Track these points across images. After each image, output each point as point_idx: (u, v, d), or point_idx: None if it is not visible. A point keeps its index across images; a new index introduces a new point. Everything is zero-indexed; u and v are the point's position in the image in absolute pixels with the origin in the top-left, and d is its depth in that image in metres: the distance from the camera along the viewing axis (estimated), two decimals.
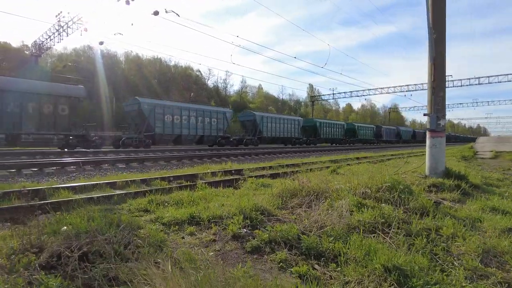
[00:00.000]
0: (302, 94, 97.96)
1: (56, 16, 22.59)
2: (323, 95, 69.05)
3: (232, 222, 3.52)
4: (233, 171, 8.73)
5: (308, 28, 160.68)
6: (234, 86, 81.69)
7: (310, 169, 9.10)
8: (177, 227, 3.56)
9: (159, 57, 62.30)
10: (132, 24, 22.07)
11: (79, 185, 5.78)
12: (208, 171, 9.21)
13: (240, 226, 3.43)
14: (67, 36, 22.37)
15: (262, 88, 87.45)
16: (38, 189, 5.28)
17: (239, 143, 27.28)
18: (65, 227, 3.11)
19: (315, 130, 39.91)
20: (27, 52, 40.12)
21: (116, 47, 78.66)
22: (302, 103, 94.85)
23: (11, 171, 8.26)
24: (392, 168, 10.03)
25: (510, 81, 44.96)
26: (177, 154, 14.05)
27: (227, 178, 7.22)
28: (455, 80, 48.16)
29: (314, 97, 70.60)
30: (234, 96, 78.10)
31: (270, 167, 9.92)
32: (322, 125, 41.16)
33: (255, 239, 3.17)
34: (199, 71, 70.49)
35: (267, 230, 3.51)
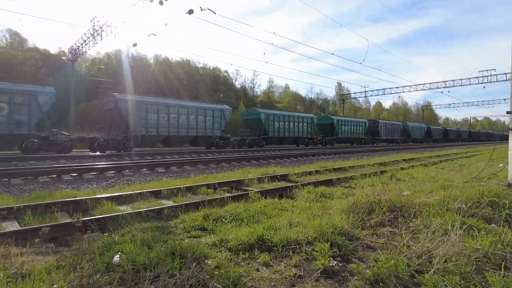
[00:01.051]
0: (330, 93, 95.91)
1: (91, 21, 22.92)
2: (353, 93, 67.08)
3: (315, 251, 2.83)
4: (278, 177, 8.05)
5: (335, 25, 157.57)
6: (261, 86, 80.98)
7: (365, 175, 8.27)
8: (246, 254, 2.92)
9: (187, 59, 62.86)
10: (166, 24, 22.07)
11: (122, 194, 5.30)
12: (250, 176, 8.61)
13: (328, 256, 2.73)
14: (101, 39, 22.62)
15: (289, 87, 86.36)
16: (79, 200, 4.84)
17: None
18: (117, 257, 2.53)
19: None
20: (64, 58, 41.56)
21: (147, 49, 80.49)
22: (330, 102, 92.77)
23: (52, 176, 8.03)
24: (455, 174, 8.98)
25: None
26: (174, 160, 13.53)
27: (278, 186, 6.53)
28: (499, 74, 44.96)
29: (344, 95, 68.66)
30: (261, 96, 77.55)
31: (317, 172, 9.14)
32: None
33: (355, 278, 2.45)
34: (227, 72, 70.59)
35: (363, 262, 2.79)
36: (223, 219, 3.95)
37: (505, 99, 66.07)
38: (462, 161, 13.50)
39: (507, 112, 6.17)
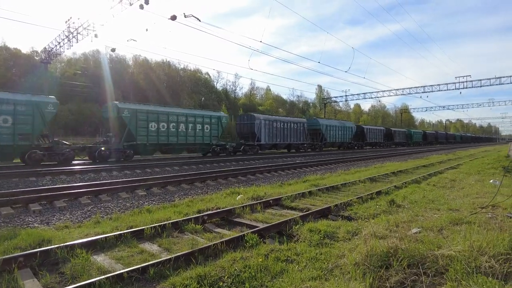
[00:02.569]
0: (310, 95, 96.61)
1: (66, 22, 21.63)
2: (334, 97, 67.54)
3: None
4: (271, 201, 7.50)
5: (315, 28, 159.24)
6: (243, 89, 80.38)
7: (361, 198, 7.84)
8: None
9: (167, 60, 61.45)
10: (147, 30, 21.29)
11: (99, 239, 4.58)
12: (239, 198, 8.02)
13: None
14: (77, 42, 21.39)
15: (270, 89, 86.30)
16: (48, 251, 4.10)
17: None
18: None
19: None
20: (36, 58, 39.51)
21: (126, 52, 78.35)
22: (311, 104, 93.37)
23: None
24: (451, 194, 8.72)
25: None
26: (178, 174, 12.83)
27: (274, 220, 5.96)
28: (474, 81, 46.39)
29: (325, 99, 69.12)
30: (243, 99, 77.03)
31: (310, 193, 8.65)
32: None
33: None
34: (208, 74, 69.59)
35: None
36: (221, 283, 3.35)
37: (478, 104, 68.44)
38: (449, 174, 13.42)
39: None
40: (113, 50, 19.91)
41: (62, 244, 4.25)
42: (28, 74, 37.13)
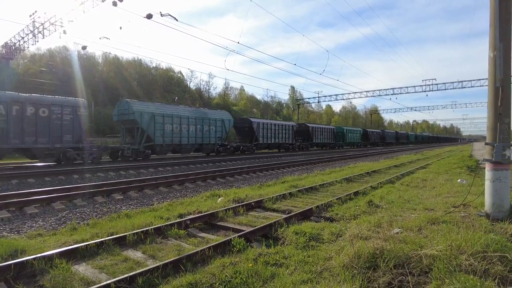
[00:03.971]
0: (283, 96, 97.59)
1: (30, 16, 20.47)
2: (307, 98, 68.74)
3: None
4: (253, 203, 7.48)
5: (287, 29, 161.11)
6: (217, 89, 79.83)
7: (340, 198, 8.00)
8: None
9: (139, 58, 59.88)
10: (120, 28, 20.57)
11: (79, 247, 4.37)
12: (220, 201, 7.95)
13: None
14: (43, 38, 20.29)
15: (244, 90, 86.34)
16: (23, 263, 3.85)
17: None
18: None
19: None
20: None
21: (98, 50, 75.53)
22: (284, 105, 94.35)
23: None
24: (424, 193, 9.11)
25: (482, 86, 46.01)
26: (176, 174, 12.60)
27: (258, 223, 5.95)
28: (439, 84, 48.85)
29: (299, 100, 70.09)
30: (217, 99, 76.51)
31: (290, 194, 8.73)
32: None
33: None
34: (181, 73, 68.52)
35: None
36: None
37: (443, 106, 72.03)
38: (420, 174, 14.01)
39: (486, 143, 6.20)
40: (84, 48, 19.00)
41: (39, 255, 4.02)
42: None
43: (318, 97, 59.68)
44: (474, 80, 46.54)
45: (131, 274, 3.47)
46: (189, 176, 11.92)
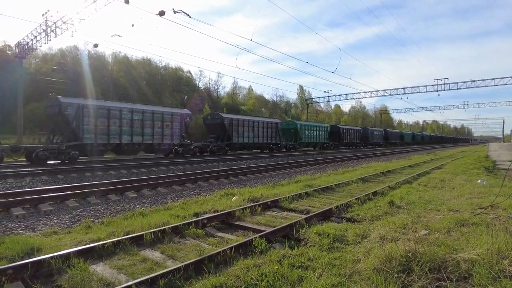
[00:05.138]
0: (292, 95, 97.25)
1: (43, 15, 20.60)
2: (317, 97, 68.22)
3: None
4: (269, 203, 7.28)
5: (295, 29, 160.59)
6: (225, 88, 79.76)
7: (359, 199, 7.76)
8: None
9: (148, 58, 60.15)
10: (132, 25, 20.18)
11: (96, 246, 4.23)
12: (235, 200, 7.77)
13: None
14: (56, 36, 20.39)
15: (252, 89, 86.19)
16: (39, 261, 3.72)
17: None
18: None
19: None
20: (9, 53, 37.66)
21: (110, 48, 76.20)
22: (293, 105, 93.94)
23: None
24: (445, 194, 8.80)
25: (496, 85, 44.99)
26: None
27: (277, 223, 5.75)
28: (451, 83, 47.94)
29: (308, 100, 69.61)
30: (226, 98, 76.50)
31: (307, 194, 8.51)
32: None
33: None
34: (190, 72, 68.64)
35: None
36: None
37: (454, 106, 70.90)
38: (437, 175, 13.66)
39: None
40: (95, 45, 19.04)
41: (56, 253, 3.88)
42: (0, 70, 35.34)
43: (328, 96, 59.08)
44: (488, 79, 45.52)
45: (152, 275, 3.30)
46: (202, 175, 11.79)
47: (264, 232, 4.84)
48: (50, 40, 20.58)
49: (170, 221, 5.72)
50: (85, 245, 4.43)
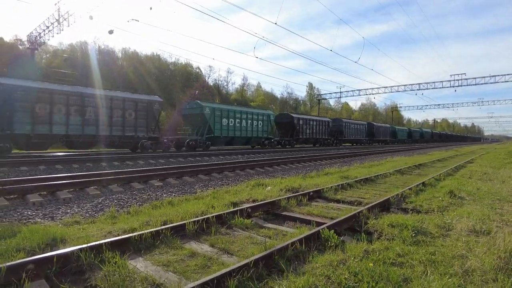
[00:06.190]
0: (300, 93, 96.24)
1: (56, 4, 19.98)
2: (329, 93, 67.06)
3: None
4: (311, 193, 6.45)
5: (303, 27, 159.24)
6: (235, 84, 79.04)
7: (410, 189, 6.89)
8: None
9: (157, 53, 59.70)
10: (151, 8, 18.88)
11: (131, 237, 3.45)
12: (269, 190, 6.95)
13: None
14: (68, 26, 19.77)
15: (261, 86, 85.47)
16: (66, 255, 2.95)
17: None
18: None
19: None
20: (21, 47, 37.36)
21: (115, 42, 75.96)
22: (301, 102, 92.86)
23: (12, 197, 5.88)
24: (508, 188, 7.88)
25: (507, 81, 43.48)
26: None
27: (333, 214, 4.93)
28: (469, 79, 46.50)
29: (319, 95, 68.49)
30: (235, 94, 75.86)
31: (349, 185, 7.67)
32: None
33: None
34: (199, 68, 68.04)
35: None
36: None
37: (472, 103, 69.15)
38: (474, 167, 12.70)
39: None
40: (110, 32, 18.28)
41: (86, 245, 3.10)
42: (12, 64, 35.00)
43: (340, 92, 58.00)
44: (508, 74, 43.98)
45: (217, 275, 2.49)
46: (230, 165, 11.00)
47: (330, 223, 4.01)
48: (62, 29, 19.96)
49: (209, 210, 4.94)
50: (117, 236, 3.67)
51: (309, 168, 12.98)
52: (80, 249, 3.01)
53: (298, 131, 30.95)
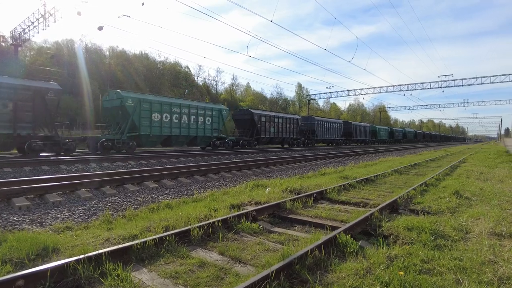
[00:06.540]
0: (289, 93, 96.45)
1: None
2: (319, 93, 67.23)
3: None
4: (315, 195, 6.21)
5: (292, 28, 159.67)
6: (224, 84, 78.64)
7: (415, 189, 6.73)
8: None
9: (145, 52, 58.85)
10: (143, 4, 17.92)
11: (133, 245, 3.13)
12: (268, 191, 6.69)
13: None
14: (55, 22, 19.09)
15: (250, 86, 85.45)
16: (60, 267, 2.63)
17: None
18: None
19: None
20: (3, 44, 36.15)
21: (102, 40, 74.56)
22: (290, 102, 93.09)
23: None
24: (502, 186, 7.83)
25: (502, 82, 44.42)
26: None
27: (342, 217, 4.70)
28: (456, 80, 47.33)
29: (309, 96, 68.72)
30: (224, 94, 75.48)
31: (350, 185, 7.47)
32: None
33: None
34: (188, 67, 67.37)
35: None
36: None
37: (458, 103, 70.35)
38: (468, 167, 12.74)
39: None
40: (100, 28, 17.68)
41: (83, 256, 2.77)
42: None
43: (330, 92, 58.29)
44: (493, 76, 44.93)
45: None
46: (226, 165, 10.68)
47: (344, 228, 3.77)
48: (48, 25, 19.26)
49: (211, 214, 4.64)
50: (117, 244, 3.35)
51: (305, 168, 12.79)
52: (77, 261, 2.69)
53: (259, 130, 26.24)
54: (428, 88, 49.43)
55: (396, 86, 51.63)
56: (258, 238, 3.78)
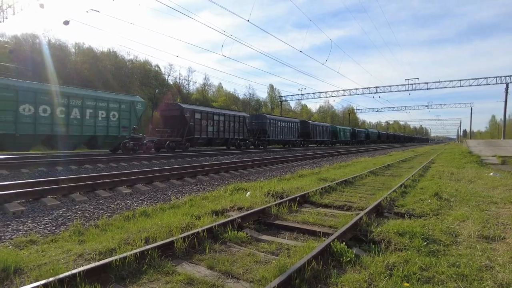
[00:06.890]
0: (261, 94, 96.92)
1: None
2: (291, 95, 67.89)
3: None
4: (298, 198, 6.07)
5: (263, 28, 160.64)
6: (196, 84, 77.47)
7: (395, 191, 6.78)
8: None
9: (114, 50, 56.74)
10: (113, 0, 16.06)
11: (112, 262, 2.80)
12: (249, 195, 6.48)
13: None
14: (14, 14, 17.76)
15: (222, 86, 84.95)
16: None
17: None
18: None
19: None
20: None
21: (67, 36, 71.09)
22: (262, 103, 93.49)
23: None
24: (475, 187, 8.10)
25: (462, 86, 47.14)
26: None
27: (330, 222, 4.56)
28: (421, 83, 49.54)
29: (281, 97, 69.26)
30: (196, 94, 74.42)
31: (331, 188, 7.41)
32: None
33: None
34: (158, 66, 65.70)
35: None
36: None
37: (423, 106, 73.54)
38: (438, 168, 13.20)
39: None
40: (66, 23, 16.58)
41: (53, 278, 2.42)
42: None
43: (301, 94, 59.16)
44: (454, 80, 47.55)
45: None
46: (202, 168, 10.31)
47: (336, 235, 3.62)
48: (6, 18, 17.88)
49: (194, 222, 4.35)
50: (91, 260, 2.99)
51: (282, 170, 12.69)
52: (46, 285, 2.33)
53: (192, 129, 21.78)
54: (396, 91, 51.41)
55: (365, 88, 53.24)
56: (247, 249, 3.55)
